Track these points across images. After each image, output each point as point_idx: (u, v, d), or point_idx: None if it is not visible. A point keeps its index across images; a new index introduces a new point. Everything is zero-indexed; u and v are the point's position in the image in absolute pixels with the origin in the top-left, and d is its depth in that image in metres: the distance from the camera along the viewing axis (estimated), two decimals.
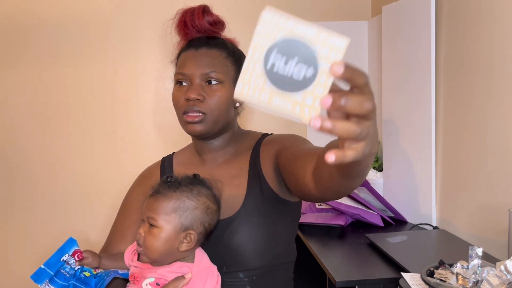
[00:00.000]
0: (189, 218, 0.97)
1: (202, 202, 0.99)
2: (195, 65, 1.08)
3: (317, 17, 2.10)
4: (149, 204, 0.99)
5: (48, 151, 2.08)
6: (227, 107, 1.09)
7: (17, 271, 2.11)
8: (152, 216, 0.96)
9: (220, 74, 1.08)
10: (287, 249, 1.15)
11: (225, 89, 1.08)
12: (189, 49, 1.11)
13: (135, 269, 1.02)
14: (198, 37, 1.13)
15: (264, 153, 1.14)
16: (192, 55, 1.10)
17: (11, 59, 2.04)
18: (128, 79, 2.07)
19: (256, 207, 1.08)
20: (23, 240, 2.11)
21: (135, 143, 2.09)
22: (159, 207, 0.97)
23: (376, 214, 1.65)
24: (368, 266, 1.28)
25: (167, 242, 0.96)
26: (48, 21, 2.03)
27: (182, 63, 1.11)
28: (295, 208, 1.17)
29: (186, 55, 1.11)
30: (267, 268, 1.09)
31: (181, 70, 1.10)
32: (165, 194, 0.97)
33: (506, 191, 1.21)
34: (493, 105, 1.26)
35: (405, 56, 1.66)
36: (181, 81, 1.10)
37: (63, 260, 0.98)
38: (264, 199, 1.09)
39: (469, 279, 0.89)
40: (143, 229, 0.97)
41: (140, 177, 1.25)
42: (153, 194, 0.99)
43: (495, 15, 1.24)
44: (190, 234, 0.97)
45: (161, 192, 0.98)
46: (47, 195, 2.09)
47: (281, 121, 2.14)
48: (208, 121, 1.07)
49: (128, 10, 2.04)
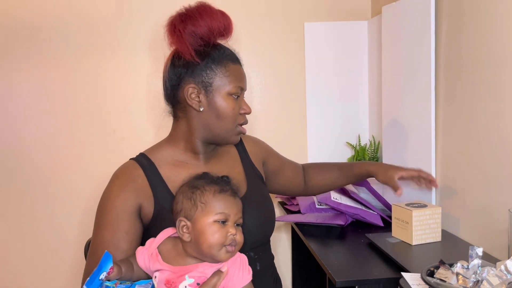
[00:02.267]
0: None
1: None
2: (246, 80, 1.20)
3: (317, 17, 2.10)
4: (237, 205, 1.02)
5: (48, 150, 2.07)
6: None
7: (17, 271, 2.11)
8: (240, 216, 1.01)
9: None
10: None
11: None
12: (234, 62, 1.17)
13: (167, 273, 0.97)
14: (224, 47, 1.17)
15: (250, 147, 1.34)
16: (240, 70, 1.18)
17: (12, 59, 2.04)
18: (129, 79, 2.07)
19: (257, 189, 1.25)
20: (23, 239, 2.11)
21: (135, 143, 2.09)
22: (239, 206, 1.02)
23: (376, 214, 1.65)
24: (368, 266, 1.28)
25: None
26: (49, 21, 2.03)
27: (237, 76, 1.16)
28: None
29: (235, 68, 1.16)
30: (267, 242, 1.25)
31: (240, 84, 1.16)
32: (236, 195, 1.02)
33: (506, 191, 1.21)
34: (493, 105, 1.26)
35: (405, 56, 1.66)
36: (237, 95, 1.16)
37: (101, 279, 0.92)
38: (259, 182, 1.29)
39: (469, 279, 0.89)
40: (231, 229, 0.98)
41: (119, 181, 1.13)
42: (233, 195, 1.02)
43: (495, 15, 1.24)
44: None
45: (234, 192, 1.02)
46: (46, 195, 2.09)
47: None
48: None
49: (129, 8, 2.04)
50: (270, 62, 2.11)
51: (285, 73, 2.12)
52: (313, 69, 2.10)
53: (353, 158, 2.03)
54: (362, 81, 2.11)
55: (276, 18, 2.10)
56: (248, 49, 2.09)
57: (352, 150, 2.09)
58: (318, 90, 2.11)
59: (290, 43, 2.10)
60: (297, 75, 2.12)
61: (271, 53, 2.10)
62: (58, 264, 2.11)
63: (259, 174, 1.31)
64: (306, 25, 2.09)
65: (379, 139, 1.97)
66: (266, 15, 2.09)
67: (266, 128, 2.11)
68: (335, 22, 2.09)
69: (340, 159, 2.11)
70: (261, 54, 2.11)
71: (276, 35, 2.10)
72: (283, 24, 2.10)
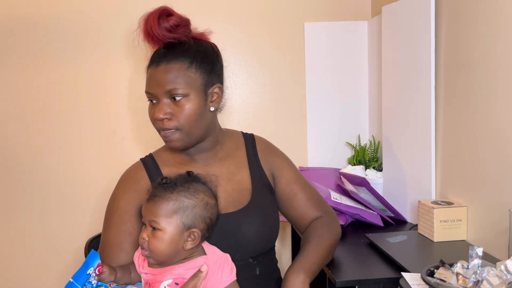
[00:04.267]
0: (190, 217, 0.98)
1: (200, 199, 1.00)
2: (156, 84, 1.08)
3: (317, 17, 2.10)
4: (148, 208, 0.99)
5: (48, 150, 2.08)
6: (198, 117, 1.10)
7: (18, 271, 2.11)
8: (154, 220, 0.97)
9: (183, 89, 1.07)
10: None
11: (192, 101, 1.08)
12: (151, 65, 1.10)
13: (147, 276, 1.01)
14: (158, 49, 1.12)
15: (262, 153, 1.26)
16: (153, 73, 1.09)
17: (12, 59, 2.04)
18: (129, 79, 2.07)
19: (263, 198, 1.20)
20: (23, 239, 2.11)
21: (135, 143, 2.09)
22: (159, 210, 0.97)
23: (376, 214, 1.65)
24: (368, 266, 1.28)
25: (172, 243, 0.97)
26: (49, 21, 2.02)
27: (147, 81, 1.11)
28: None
29: (149, 73, 1.11)
30: (269, 249, 1.22)
31: (147, 89, 1.11)
32: (163, 197, 0.98)
33: (506, 191, 1.21)
34: (493, 105, 1.26)
35: (405, 56, 1.66)
36: (151, 99, 1.11)
37: (88, 273, 0.97)
38: (266, 190, 1.22)
39: (469, 279, 0.89)
40: (146, 233, 0.98)
41: (124, 183, 1.18)
42: (150, 198, 1.00)
43: (495, 15, 1.24)
44: (194, 232, 0.98)
45: (159, 195, 0.99)
46: (46, 195, 2.09)
47: (258, 121, 2.14)
48: (183, 134, 1.09)
49: (125, 8, 2.03)
50: (270, 62, 2.11)
51: (285, 73, 2.12)
52: (313, 69, 2.10)
53: (353, 158, 2.03)
54: (362, 81, 2.11)
55: (276, 18, 2.10)
56: (248, 49, 2.09)
57: (352, 150, 2.09)
58: (318, 90, 2.10)
59: (290, 43, 2.10)
60: (297, 75, 2.11)
61: (271, 53, 2.10)
62: (59, 263, 2.11)
63: (267, 181, 1.23)
64: (306, 25, 2.08)
65: (379, 139, 1.97)
66: (266, 15, 2.09)
67: (266, 128, 2.11)
68: (335, 22, 2.09)
69: (340, 159, 2.11)
70: (261, 54, 2.10)
71: (276, 35, 2.10)
72: (283, 24, 2.10)
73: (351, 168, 1.94)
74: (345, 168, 1.97)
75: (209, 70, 1.11)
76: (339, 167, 2.06)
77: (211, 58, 1.13)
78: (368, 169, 1.93)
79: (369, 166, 1.94)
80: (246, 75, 2.11)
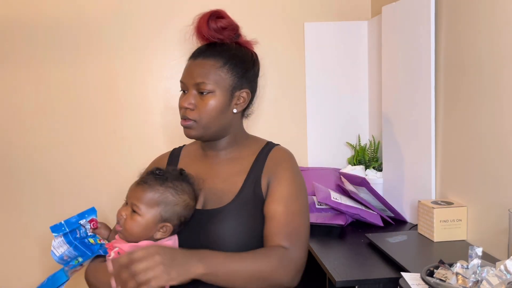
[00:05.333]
0: (169, 212, 1.06)
1: (183, 200, 1.08)
2: (189, 75, 1.16)
3: (317, 17, 2.10)
4: (135, 191, 1.07)
5: (48, 150, 2.08)
6: (219, 114, 1.15)
7: (18, 271, 2.11)
8: (136, 204, 1.05)
9: (211, 85, 1.13)
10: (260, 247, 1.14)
11: (217, 98, 1.14)
12: (190, 58, 1.18)
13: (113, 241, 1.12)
14: (199, 47, 1.19)
15: (271, 163, 1.18)
16: (189, 65, 1.17)
17: (13, 59, 2.04)
18: (129, 79, 2.07)
19: (245, 206, 1.14)
20: (23, 239, 2.11)
21: (135, 143, 2.09)
22: (144, 197, 1.05)
23: (375, 214, 1.65)
24: (368, 266, 1.28)
25: (146, 229, 1.05)
26: (51, 21, 2.03)
27: (184, 71, 1.19)
28: None
29: (187, 64, 1.18)
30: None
31: (181, 79, 1.18)
32: (152, 186, 1.06)
33: (506, 191, 1.21)
34: (493, 105, 1.26)
35: (405, 56, 1.66)
36: (183, 89, 1.18)
37: (80, 223, 1.12)
38: (254, 202, 1.15)
39: (469, 279, 0.89)
40: (125, 212, 1.06)
41: (151, 164, 1.30)
42: (140, 183, 1.08)
43: (495, 15, 1.24)
44: (167, 226, 1.07)
45: (149, 183, 1.07)
46: (46, 195, 2.09)
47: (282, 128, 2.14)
48: (199, 127, 1.15)
49: (129, 9, 2.03)
50: (270, 62, 2.11)
51: (285, 73, 2.12)
52: (313, 69, 2.10)
53: (353, 158, 2.03)
54: (362, 81, 2.11)
55: (276, 18, 2.10)
56: None
57: (352, 150, 2.09)
58: (318, 90, 2.11)
59: (290, 43, 2.10)
60: (297, 75, 2.11)
61: (271, 53, 2.10)
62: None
63: (260, 194, 1.15)
64: (306, 25, 2.09)
65: (379, 139, 1.97)
66: (266, 15, 2.09)
67: (266, 128, 2.11)
68: (335, 22, 2.09)
69: (340, 159, 2.11)
70: (261, 54, 2.09)
71: (276, 35, 2.10)
72: (283, 24, 2.10)
73: (351, 168, 1.94)
74: (345, 168, 1.97)
75: (241, 74, 1.17)
76: (339, 167, 2.06)
77: (246, 63, 1.19)
78: (368, 169, 1.93)
79: (369, 166, 1.94)
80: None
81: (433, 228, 1.38)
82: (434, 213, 1.37)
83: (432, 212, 1.38)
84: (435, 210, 1.37)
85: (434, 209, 1.38)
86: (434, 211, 1.37)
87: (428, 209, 1.41)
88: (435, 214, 1.37)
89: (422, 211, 1.45)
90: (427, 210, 1.41)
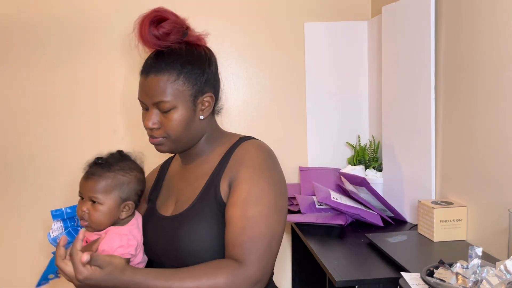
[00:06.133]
0: (126, 191, 1.14)
1: (134, 176, 1.16)
2: (145, 94, 1.10)
3: (317, 17, 2.10)
4: (88, 185, 1.12)
5: (48, 150, 2.08)
6: (186, 126, 1.10)
7: (18, 270, 2.11)
8: (94, 196, 1.11)
9: (170, 102, 1.07)
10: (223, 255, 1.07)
11: (179, 112, 1.09)
12: (142, 74, 1.12)
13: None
14: (149, 56, 1.13)
15: (234, 162, 1.11)
16: (143, 83, 1.11)
17: (12, 59, 2.04)
18: (128, 78, 2.07)
19: (204, 211, 1.09)
20: (23, 239, 2.11)
21: (135, 143, 2.09)
22: (99, 187, 1.12)
23: (375, 214, 1.65)
24: (368, 266, 1.28)
25: (111, 214, 1.12)
26: (49, 21, 2.03)
27: (139, 89, 1.13)
28: None
29: (140, 82, 1.12)
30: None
31: (138, 97, 1.13)
32: (102, 175, 1.13)
33: (506, 191, 1.21)
34: (493, 104, 1.26)
35: (405, 56, 1.66)
36: (143, 108, 1.14)
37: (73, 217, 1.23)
38: (213, 207, 1.08)
39: (468, 279, 0.89)
40: (86, 206, 1.12)
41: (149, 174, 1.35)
42: (89, 176, 1.13)
43: (495, 15, 1.24)
44: (128, 204, 1.15)
45: (97, 173, 1.13)
46: (46, 195, 2.09)
47: (261, 124, 2.14)
48: (169, 142, 1.13)
49: (125, 8, 2.03)
50: (270, 62, 2.11)
51: (285, 73, 2.12)
52: (313, 69, 2.10)
53: (353, 158, 2.03)
54: (362, 81, 2.11)
55: (276, 18, 2.10)
56: (248, 49, 2.09)
57: (352, 150, 2.09)
58: (318, 90, 2.11)
59: (290, 43, 2.10)
60: (297, 75, 2.11)
61: (271, 53, 2.10)
62: None
63: (220, 199, 1.08)
64: (306, 25, 2.09)
65: (379, 139, 1.97)
66: (266, 15, 2.09)
67: (266, 128, 2.11)
68: (335, 22, 2.09)
69: (340, 159, 2.11)
70: (261, 54, 2.11)
71: (276, 35, 2.10)
72: (283, 24, 2.10)
73: (351, 168, 1.94)
74: (345, 168, 1.97)
75: (199, 79, 1.10)
76: (339, 167, 2.06)
77: (202, 65, 1.11)
78: (368, 169, 1.93)
79: (369, 166, 1.94)
80: (246, 75, 2.11)
81: (433, 228, 1.38)
82: (434, 213, 1.37)
83: (432, 212, 1.38)
84: (435, 210, 1.37)
85: (434, 209, 1.38)
86: (434, 211, 1.37)
87: (428, 209, 1.41)
88: (435, 214, 1.37)
89: (422, 211, 1.45)
90: (427, 210, 1.41)
